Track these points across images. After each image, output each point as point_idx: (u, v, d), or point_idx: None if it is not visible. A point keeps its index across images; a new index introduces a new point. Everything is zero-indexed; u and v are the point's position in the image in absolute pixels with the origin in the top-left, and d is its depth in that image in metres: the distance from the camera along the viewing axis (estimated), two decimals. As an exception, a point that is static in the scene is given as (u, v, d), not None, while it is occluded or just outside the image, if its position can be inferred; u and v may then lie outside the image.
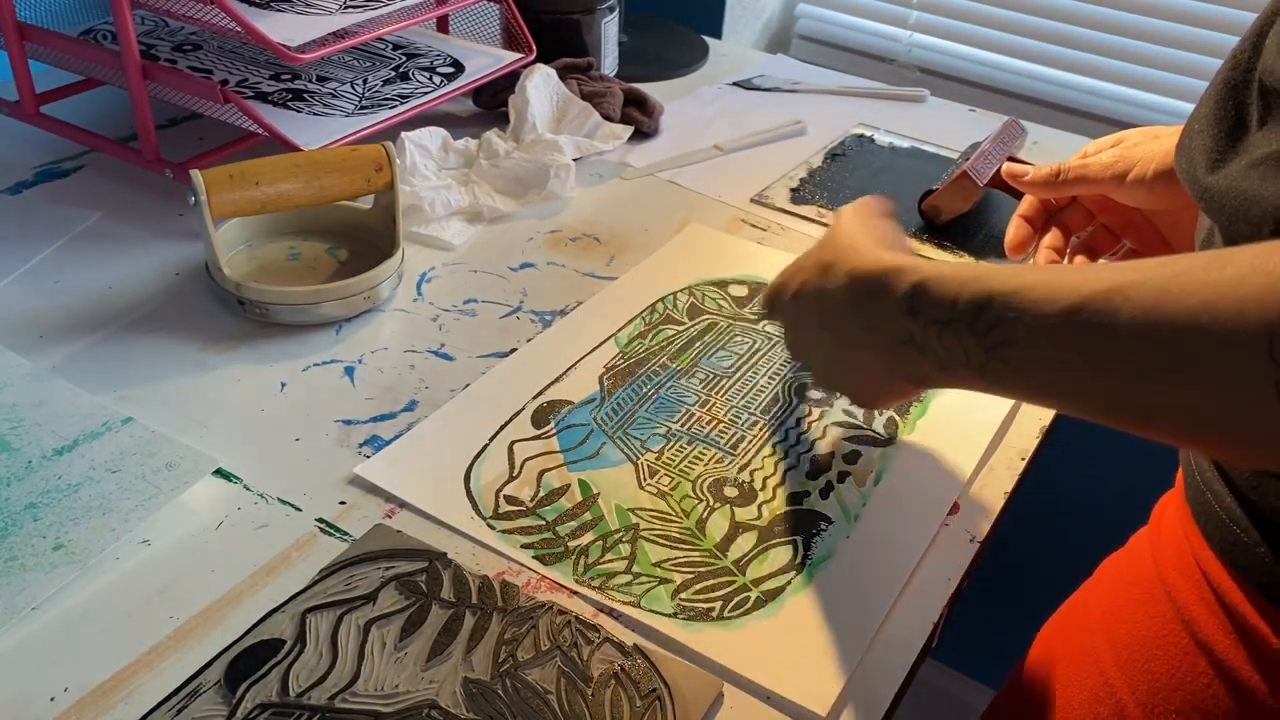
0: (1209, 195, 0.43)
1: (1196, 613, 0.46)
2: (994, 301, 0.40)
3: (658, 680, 0.46)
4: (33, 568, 0.50)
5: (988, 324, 0.40)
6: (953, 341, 0.42)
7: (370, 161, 0.70)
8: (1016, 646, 0.59)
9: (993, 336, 0.40)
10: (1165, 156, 0.62)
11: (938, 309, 0.42)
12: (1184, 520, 0.48)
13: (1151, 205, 0.65)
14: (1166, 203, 0.63)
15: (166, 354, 0.65)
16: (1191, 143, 0.46)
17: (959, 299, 0.41)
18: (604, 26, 1.02)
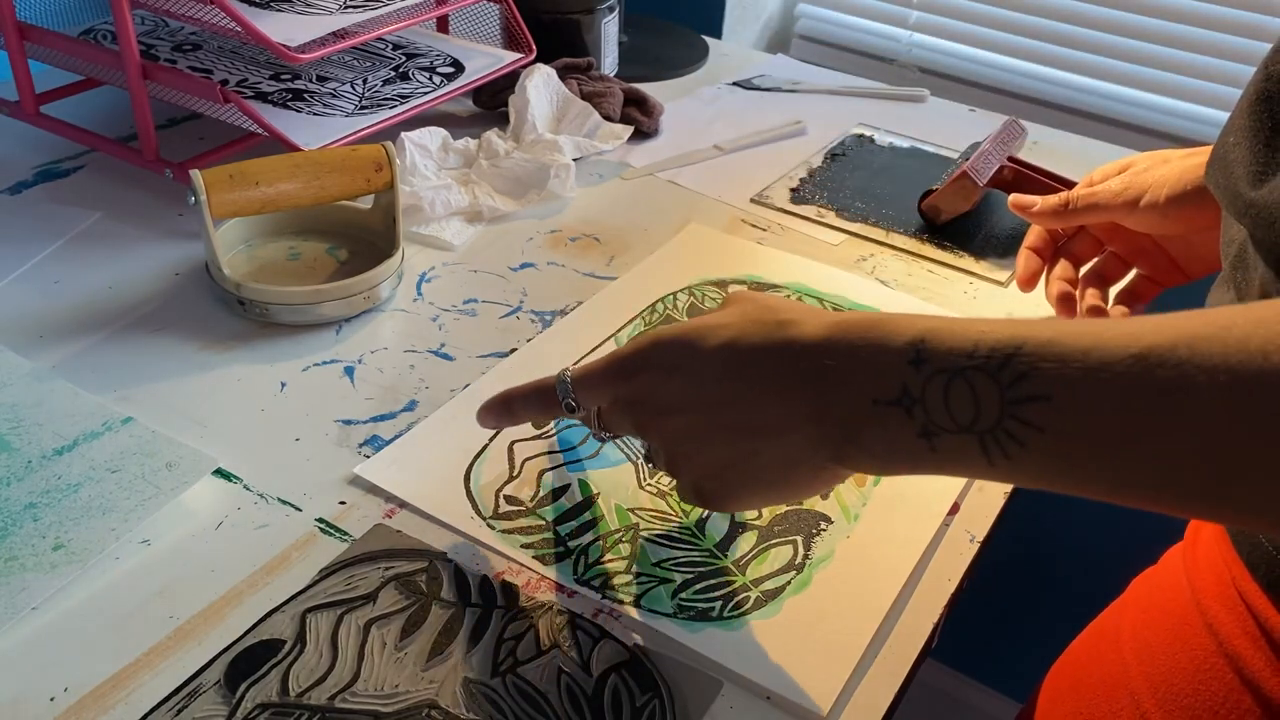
0: (1255, 210, 0.42)
1: (1240, 647, 0.43)
2: (1025, 348, 0.35)
3: (658, 680, 0.46)
4: (33, 568, 0.50)
5: (1015, 373, 0.35)
6: (963, 394, 0.36)
7: (370, 161, 0.70)
8: (1016, 646, 0.59)
9: (1020, 389, 0.35)
10: (1178, 180, 0.61)
11: (952, 356, 0.37)
12: (1222, 545, 0.46)
13: (1164, 230, 0.64)
14: (1180, 227, 0.63)
15: (166, 354, 0.65)
16: (1228, 156, 0.45)
17: (980, 344, 0.36)
18: (604, 26, 1.02)
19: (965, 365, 0.36)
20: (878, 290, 0.75)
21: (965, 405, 0.36)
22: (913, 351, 0.38)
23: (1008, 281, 0.78)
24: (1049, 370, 0.34)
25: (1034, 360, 0.35)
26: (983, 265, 0.80)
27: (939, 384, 0.37)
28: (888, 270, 0.79)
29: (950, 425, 0.37)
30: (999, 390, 0.35)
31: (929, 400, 0.37)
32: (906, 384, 0.38)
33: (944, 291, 0.77)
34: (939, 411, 0.37)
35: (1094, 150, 0.99)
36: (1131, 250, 0.68)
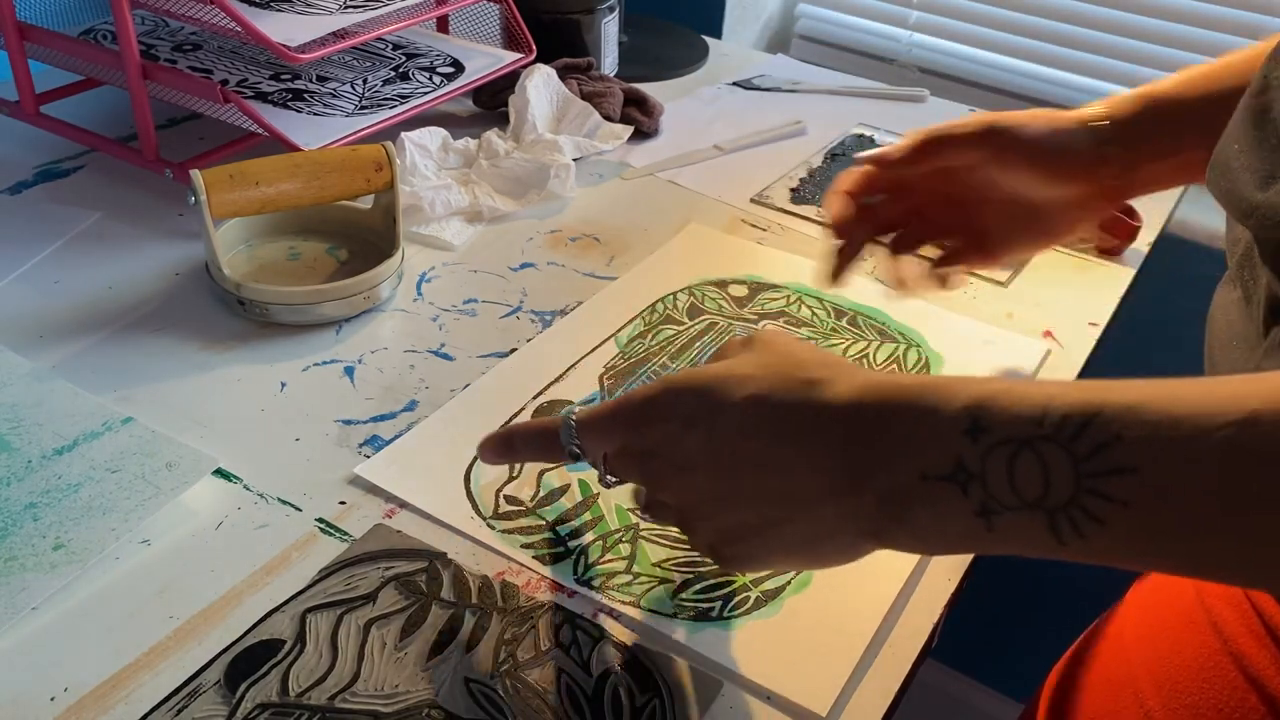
0: (1261, 211, 0.41)
1: (1245, 645, 0.42)
2: (1105, 413, 0.32)
3: (658, 680, 0.46)
4: (33, 568, 0.50)
5: (1093, 443, 0.31)
6: (1032, 469, 0.32)
7: (370, 161, 0.70)
8: (1016, 646, 0.59)
9: (1100, 460, 0.31)
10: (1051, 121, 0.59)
11: (1017, 424, 0.33)
12: None
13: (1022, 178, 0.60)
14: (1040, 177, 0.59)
15: (166, 354, 0.65)
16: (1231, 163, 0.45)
17: (1050, 409, 0.33)
18: (604, 26, 1.02)
19: (1033, 435, 0.32)
20: (878, 290, 0.75)
21: (1033, 480, 0.32)
22: (969, 419, 0.34)
23: (1008, 281, 0.78)
24: (1134, 439, 0.31)
25: (1116, 428, 0.31)
26: (983, 265, 0.80)
27: (1002, 456, 0.33)
28: (888, 270, 0.78)
29: (1014, 502, 0.33)
30: (1073, 462, 0.32)
31: (990, 475, 0.33)
32: (962, 456, 0.34)
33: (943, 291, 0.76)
34: (1001, 487, 0.33)
35: (1094, 150, 0.99)
36: (943, 225, 0.64)
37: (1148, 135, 0.58)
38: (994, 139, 0.59)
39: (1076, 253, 0.82)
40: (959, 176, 0.61)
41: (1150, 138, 0.58)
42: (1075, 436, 0.32)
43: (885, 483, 0.36)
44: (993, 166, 0.59)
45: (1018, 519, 0.33)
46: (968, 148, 0.59)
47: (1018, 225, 0.62)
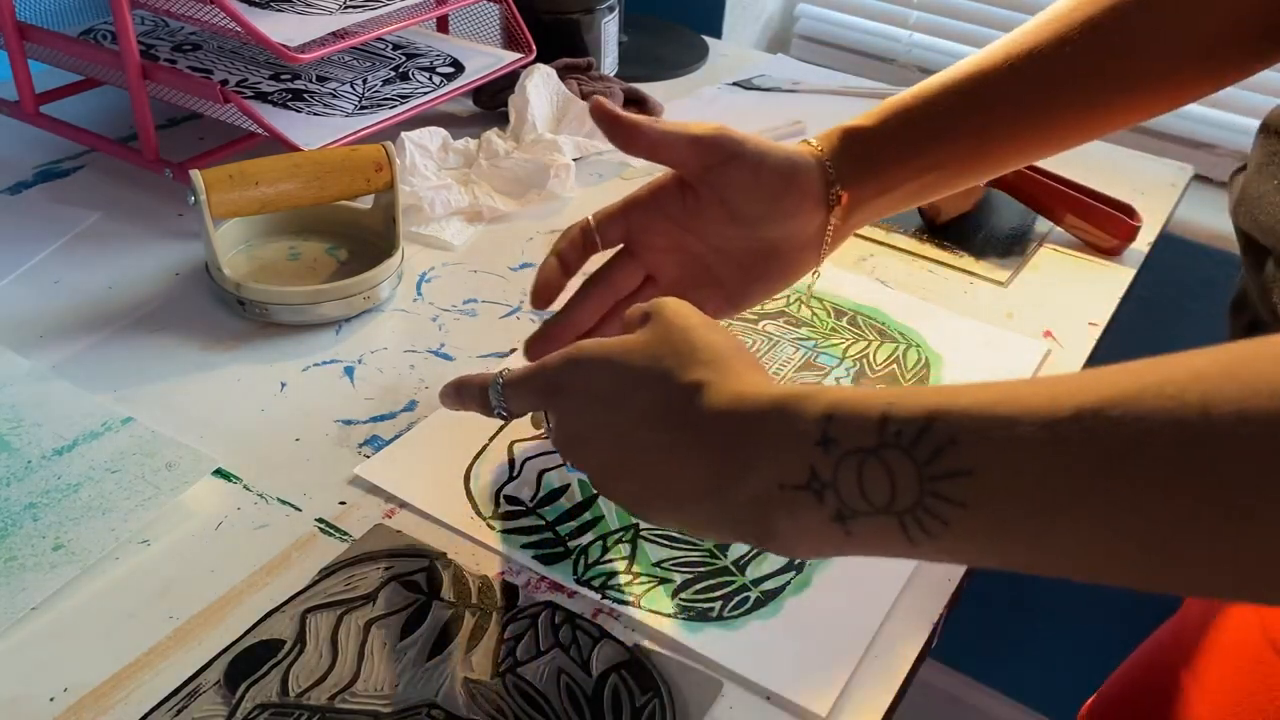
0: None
1: None
2: (941, 418, 0.33)
3: (658, 680, 0.46)
4: (32, 568, 0.50)
5: (933, 447, 0.32)
6: (878, 475, 0.34)
7: (370, 161, 0.70)
8: (1016, 646, 0.59)
9: (939, 464, 0.32)
10: (779, 145, 0.55)
11: (862, 434, 0.34)
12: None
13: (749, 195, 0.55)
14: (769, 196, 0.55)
15: (166, 354, 0.65)
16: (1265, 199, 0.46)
17: (890, 416, 0.34)
18: (604, 26, 1.02)
19: (878, 444, 0.34)
20: (878, 290, 0.75)
21: (880, 486, 0.34)
22: (819, 431, 0.35)
23: (1008, 281, 0.78)
24: (969, 442, 0.32)
25: (952, 432, 0.32)
26: (982, 265, 0.80)
27: (851, 465, 0.34)
28: (888, 270, 0.79)
29: (866, 508, 0.34)
30: (915, 467, 0.33)
31: (841, 483, 0.35)
32: (815, 467, 0.35)
33: (944, 291, 0.77)
34: (853, 494, 0.34)
35: (1093, 150, 0.99)
36: (683, 276, 0.58)
37: (859, 161, 0.56)
38: (720, 144, 0.54)
39: (1076, 253, 0.82)
40: (688, 224, 0.57)
41: (862, 164, 0.56)
42: (915, 442, 0.33)
43: (748, 491, 0.37)
44: (719, 174, 0.54)
45: (872, 523, 0.34)
46: (692, 150, 0.55)
47: (752, 270, 0.57)
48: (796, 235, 0.56)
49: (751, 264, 0.57)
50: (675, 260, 0.58)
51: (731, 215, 0.55)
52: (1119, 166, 0.96)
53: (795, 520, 0.36)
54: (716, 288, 0.58)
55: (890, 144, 0.56)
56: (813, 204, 0.55)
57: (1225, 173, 1.14)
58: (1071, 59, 0.54)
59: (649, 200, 0.57)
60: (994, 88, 0.55)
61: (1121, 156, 0.99)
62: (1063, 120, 0.56)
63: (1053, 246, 0.83)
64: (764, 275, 0.57)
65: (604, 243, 0.58)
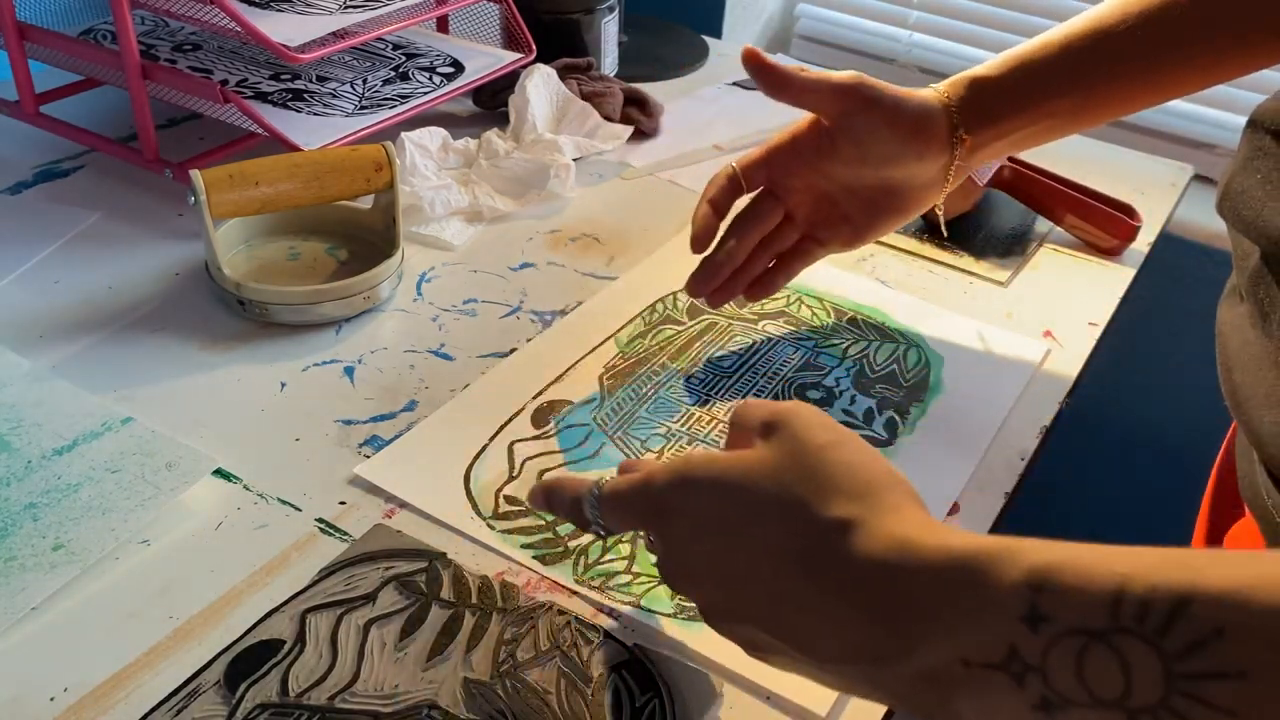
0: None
1: None
2: (1198, 602, 0.26)
3: (658, 680, 0.46)
4: (32, 568, 0.50)
5: (1187, 640, 0.26)
6: (1108, 666, 0.27)
7: (370, 161, 0.70)
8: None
9: (1195, 662, 0.26)
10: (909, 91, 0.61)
11: (1088, 611, 0.27)
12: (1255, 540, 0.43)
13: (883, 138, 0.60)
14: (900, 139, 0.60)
15: (166, 354, 0.65)
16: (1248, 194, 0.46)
17: (1126, 592, 0.27)
18: (604, 26, 1.02)
19: (1109, 626, 0.27)
20: (878, 290, 0.75)
21: (1110, 678, 0.27)
22: (1025, 604, 0.28)
23: (1008, 281, 0.78)
24: (1240, 636, 0.25)
25: (1216, 621, 0.26)
26: (982, 265, 0.80)
27: (1069, 650, 0.28)
28: (888, 270, 0.79)
29: (1085, 700, 0.27)
30: (1163, 661, 0.26)
31: (1052, 670, 0.28)
32: (1017, 647, 0.28)
33: (943, 291, 0.77)
34: (1068, 684, 0.28)
35: (1094, 150, 0.99)
36: (816, 211, 0.65)
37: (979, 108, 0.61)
38: (860, 91, 0.59)
39: (1076, 253, 0.82)
40: (822, 166, 0.62)
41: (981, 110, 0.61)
42: (1163, 630, 0.26)
43: (920, 663, 0.31)
44: (856, 119, 0.60)
45: (1090, 717, 0.28)
46: (834, 97, 0.60)
47: (879, 205, 0.64)
48: (921, 175, 0.62)
49: (878, 199, 0.63)
50: (809, 199, 0.64)
51: (864, 157, 0.61)
52: (1119, 166, 0.96)
53: (984, 703, 0.30)
54: (845, 222, 0.64)
55: (1011, 94, 0.61)
56: (939, 147, 0.61)
57: (1225, 173, 1.14)
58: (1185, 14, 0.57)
59: (789, 145, 0.62)
60: (1111, 44, 0.59)
61: (1121, 156, 0.99)
62: (1176, 73, 0.60)
63: (1053, 246, 0.83)
64: (889, 209, 0.64)
65: (749, 186, 0.63)
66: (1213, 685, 0.25)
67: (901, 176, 0.62)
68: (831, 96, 0.60)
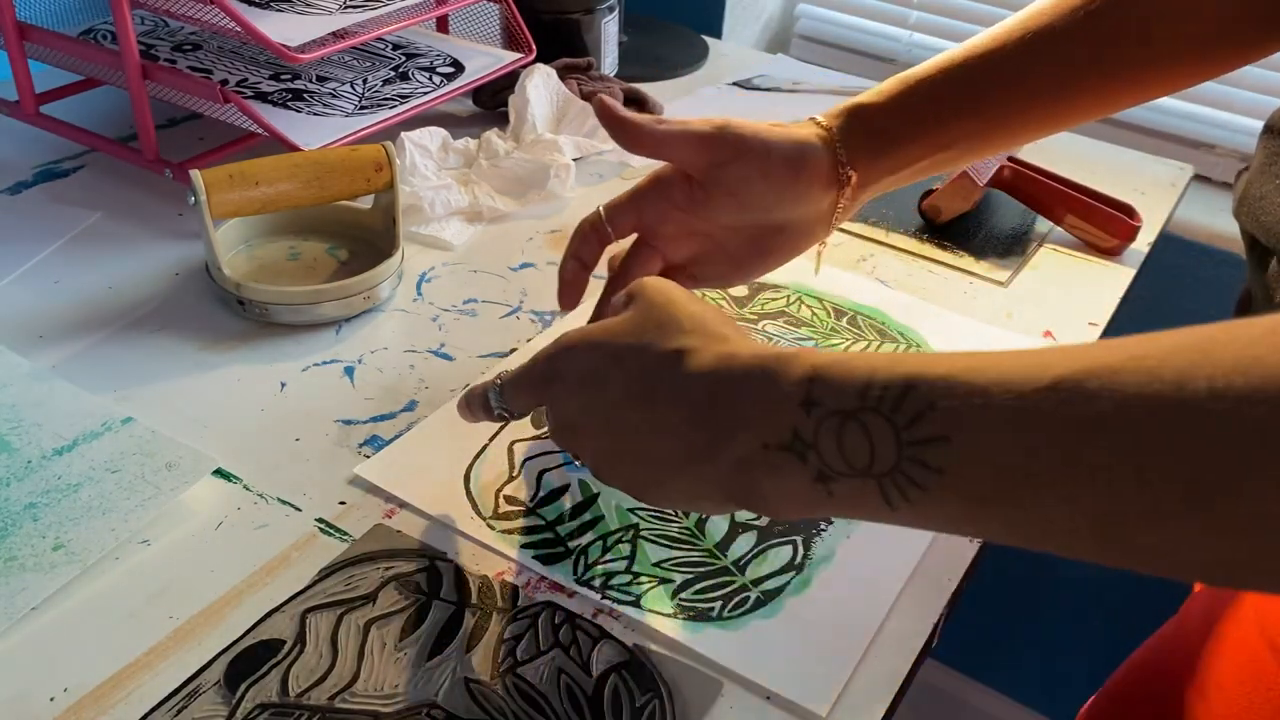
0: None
1: None
2: (921, 385, 0.33)
3: (658, 680, 0.46)
4: (32, 568, 0.50)
5: (912, 412, 0.33)
6: (858, 438, 0.34)
7: (370, 161, 0.70)
8: (1017, 646, 0.59)
9: (917, 429, 0.33)
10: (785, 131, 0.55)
11: (844, 396, 0.35)
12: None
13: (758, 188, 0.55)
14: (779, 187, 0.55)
15: (166, 354, 0.65)
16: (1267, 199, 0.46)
17: (872, 382, 0.34)
18: (604, 26, 1.02)
19: (858, 407, 0.34)
20: (878, 290, 0.75)
21: (860, 449, 0.34)
22: (803, 392, 0.36)
23: (1008, 281, 0.78)
24: (946, 409, 0.32)
25: (930, 398, 0.32)
26: (982, 265, 0.80)
27: (832, 427, 0.35)
28: (888, 270, 0.79)
29: (846, 470, 0.35)
30: (894, 432, 0.33)
31: (823, 444, 0.35)
32: (797, 428, 0.36)
33: (944, 291, 0.77)
34: (834, 456, 0.35)
35: (1094, 150, 0.99)
36: (695, 256, 0.59)
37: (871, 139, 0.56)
38: (724, 141, 0.54)
39: (1076, 253, 0.82)
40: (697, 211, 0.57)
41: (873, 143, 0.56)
42: (895, 407, 0.33)
43: (733, 452, 0.38)
44: (726, 171, 0.54)
45: (852, 485, 0.35)
46: (697, 149, 0.55)
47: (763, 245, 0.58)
48: (808, 214, 0.57)
49: (762, 239, 0.57)
50: (688, 243, 0.58)
51: (740, 205, 0.55)
52: (1119, 166, 0.96)
53: (779, 481, 0.37)
54: (728, 262, 0.59)
55: (901, 123, 0.56)
56: (822, 186, 0.55)
57: (1225, 173, 1.15)
58: (1085, 38, 0.54)
59: (656, 191, 0.57)
60: (1007, 66, 0.55)
61: (1121, 156, 0.99)
62: (1078, 99, 0.56)
63: (1053, 246, 0.83)
64: (774, 249, 0.58)
65: (616, 234, 0.58)
66: (928, 449, 0.32)
67: (784, 219, 0.56)
68: (694, 149, 0.55)
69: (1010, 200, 0.86)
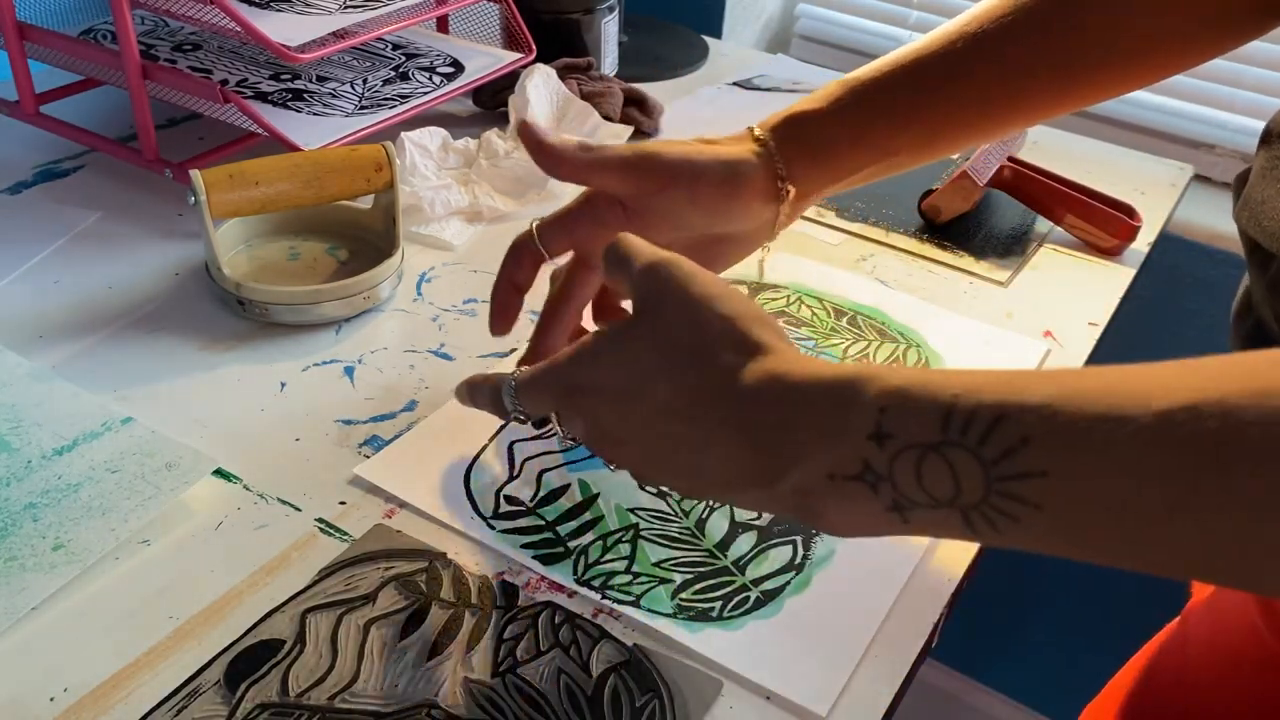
0: None
1: None
2: (1012, 415, 0.31)
3: (658, 680, 0.46)
4: (32, 568, 0.50)
5: (1001, 448, 0.31)
6: (940, 473, 0.32)
7: (370, 161, 0.70)
8: (1016, 646, 0.59)
9: (1008, 465, 0.31)
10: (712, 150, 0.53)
11: (922, 428, 0.33)
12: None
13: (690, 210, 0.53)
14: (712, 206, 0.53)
15: (166, 354, 0.65)
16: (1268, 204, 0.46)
17: (954, 413, 0.32)
18: (604, 26, 1.02)
19: (939, 440, 0.32)
20: (878, 290, 0.75)
21: (943, 482, 0.32)
22: (872, 424, 0.34)
23: (1007, 281, 0.78)
24: (1043, 442, 0.30)
25: (1024, 430, 0.31)
26: (982, 265, 0.80)
27: (908, 461, 0.33)
28: (888, 270, 0.79)
29: (926, 501, 0.33)
30: (982, 466, 0.31)
31: (898, 477, 0.33)
32: (869, 461, 0.34)
33: (943, 291, 0.77)
34: (911, 488, 0.33)
35: (1094, 150, 0.99)
36: None
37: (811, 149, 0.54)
38: (649, 167, 0.52)
39: (1076, 253, 0.82)
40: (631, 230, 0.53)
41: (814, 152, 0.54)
42: (982, 440, 0.31)
43: (795, 480, 0.36)
44: (654, 200, 0.53)
45: (932, 515, 0.33)
46: (622, 176, 0.53)
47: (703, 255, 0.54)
48: (745, 228, 0.55)
49: (701, 250, 0.55)
50: None
51: (674, 226, 0.54)
52: (1119, 166, 0.96)
53: (847, 507, 0.35)
54: None
55: (842, 130, 0.53)
56: (760, 202, 0.54)
57: (1225, 173, 1.15)
58: (1037, 38, 0.52)
59: (588, 212, 0.55)
60: (957, 68, 0.53)
61: (1121, 156, 0.99)
62: (1032, 99, 0.54)
63: (1053, 246, 0.83)
64: (716, 258, 0.57)
65: (551, 254, 0.56)
66: (1021, 484, 0.31)
67: (722, 233, 0.55)
68: (619, 178, 0.53)
69: (1010, 200, 0.86)
